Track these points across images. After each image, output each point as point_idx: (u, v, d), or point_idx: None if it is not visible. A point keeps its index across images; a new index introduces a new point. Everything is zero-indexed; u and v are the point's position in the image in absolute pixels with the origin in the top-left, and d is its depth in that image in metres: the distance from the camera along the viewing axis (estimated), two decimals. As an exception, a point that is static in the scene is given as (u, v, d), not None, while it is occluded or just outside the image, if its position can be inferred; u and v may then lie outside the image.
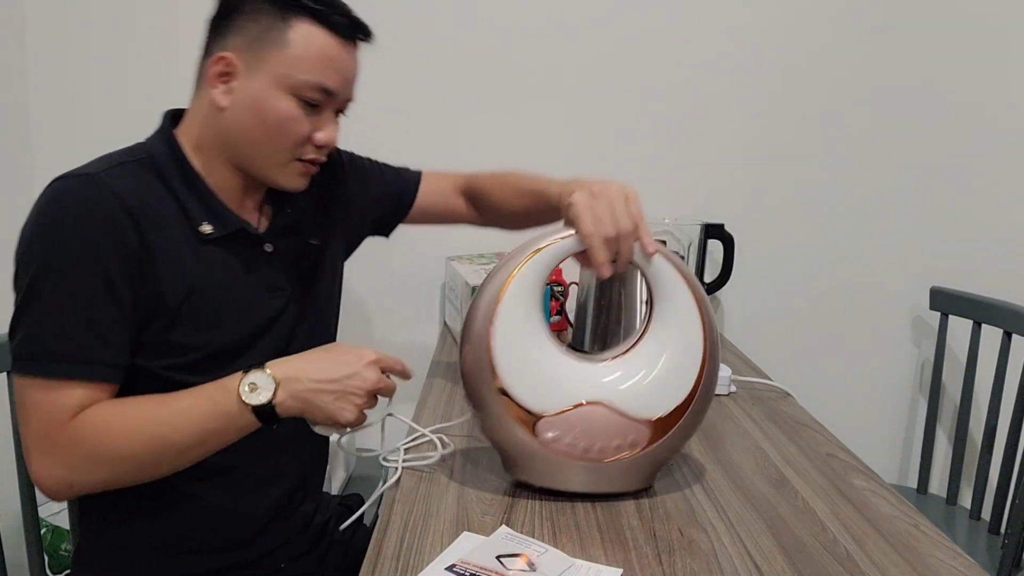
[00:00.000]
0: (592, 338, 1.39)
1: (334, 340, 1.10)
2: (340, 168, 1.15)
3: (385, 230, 1.24)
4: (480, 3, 1.70)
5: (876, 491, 0.95)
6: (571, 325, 1.58)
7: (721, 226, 1.67)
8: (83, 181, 0.85)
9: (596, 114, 1.75)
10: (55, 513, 1.61)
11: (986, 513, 1.55)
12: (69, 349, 0.82)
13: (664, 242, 1.56)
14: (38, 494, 1.13)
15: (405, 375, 0.92)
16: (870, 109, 1.76)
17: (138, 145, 0.94)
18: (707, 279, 1.71)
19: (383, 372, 0.89)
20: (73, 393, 0.82)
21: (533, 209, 1.10)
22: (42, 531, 1.49)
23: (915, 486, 1.73)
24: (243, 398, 0.82)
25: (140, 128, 0.92)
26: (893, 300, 1.83)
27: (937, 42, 1.73)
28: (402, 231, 1.26)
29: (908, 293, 1.82)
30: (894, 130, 1.77)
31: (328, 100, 0.93)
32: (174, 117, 0.97)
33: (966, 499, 1.68)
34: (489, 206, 1.20)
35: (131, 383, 0.87)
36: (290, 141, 0.92)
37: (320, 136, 0.94)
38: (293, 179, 0.96)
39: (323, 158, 0.97)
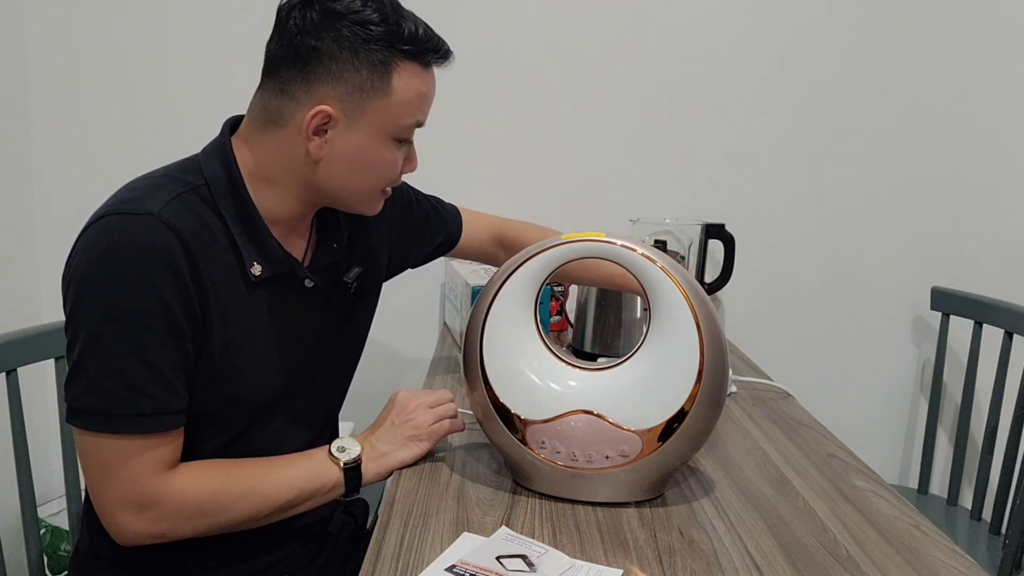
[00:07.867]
0: (592, 338, 1.39)
1: (353, 373, 1.09)
2: (397, 199, 1.10)
3: (414, 266, 1.21)
4: (478, 6, 1.70)
5: (877, 491, 0.94)
6: (571, 325, 1.58)
7: (722, 226, 1.67)
8: (141, 221, 0.78)
9: (597, 115, 1.74)
10: (55, 514, 1.61)
11: (987, 514, 1.55)
12: (147, 404, 0.79)
13: (664, 243, 1.56)
14: (37, 494, 1.13)
15: (457, 426, 1.00)
16: (871, 109, 1.76)
17: (194, 166, 0.87)
18: (708, 279, 1.71)
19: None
20: (164, 448, 0.82)
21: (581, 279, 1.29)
22: (41, 531, 1.49)
23: (916, 486, 1.73)
24: (333, 454, 0.91)
25: (140, 128, 0.92)
26: (894, 300, 1.83)
27: (938, 41, 1.73)
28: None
29: (909, 293, 1.82)
30: (895, 130, 1.76)
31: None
32: (233, 127, 0.90)
33: (967, 500, 1.68)
34: None
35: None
36: (388, 181, 0.91)
37: (410, 166, 0.93)
38: (376, 206, 0.94)
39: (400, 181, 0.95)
